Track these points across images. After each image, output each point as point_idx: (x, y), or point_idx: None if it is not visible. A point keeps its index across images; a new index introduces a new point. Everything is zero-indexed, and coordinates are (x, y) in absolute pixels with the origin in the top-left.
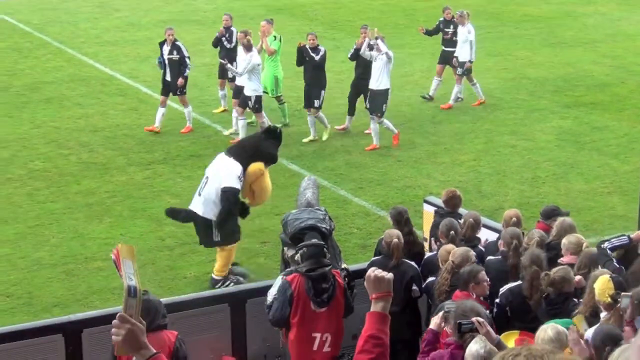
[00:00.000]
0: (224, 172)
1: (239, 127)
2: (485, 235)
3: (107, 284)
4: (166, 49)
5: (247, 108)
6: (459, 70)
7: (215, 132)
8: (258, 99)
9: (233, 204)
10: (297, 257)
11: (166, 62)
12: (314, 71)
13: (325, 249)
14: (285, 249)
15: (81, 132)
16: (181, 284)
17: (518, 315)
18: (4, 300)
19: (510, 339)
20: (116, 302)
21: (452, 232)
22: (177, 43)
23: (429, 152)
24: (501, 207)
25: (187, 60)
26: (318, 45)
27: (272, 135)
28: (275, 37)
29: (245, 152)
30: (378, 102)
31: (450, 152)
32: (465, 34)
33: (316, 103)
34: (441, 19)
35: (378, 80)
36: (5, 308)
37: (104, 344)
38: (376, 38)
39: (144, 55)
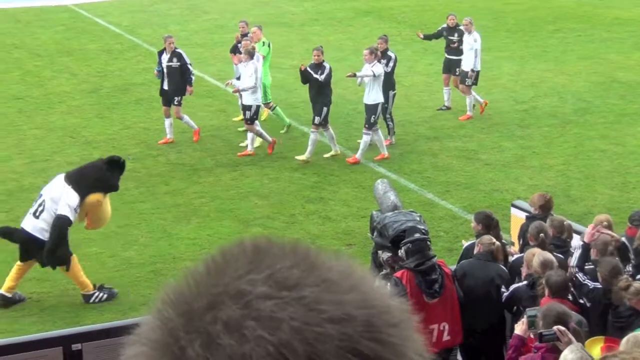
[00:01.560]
0: (62, 202)
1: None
2: (575, 241)
3: None
4: (165, 57)
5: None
6: (468, 81)
7: (302, 133)
8: (257, 109)
9: (64, 233)
10: (402, 253)
11: (165, 70)
12: (318, 88)
13: (429, 242)
14: (380, 252)
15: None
16: None
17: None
18: None
19: (596, 346)
20: None
21: (542, 234)
22: (178, 50)
23: (517, 155)
24: (590, 212)
25: (190, 67)
26: (323, 61)
27: (115, 165)
28: (264, 42)
29: (84, 182)
30: (367, 114)
31: (539, 156)
32: (471, 42)
33: (316, 120)
34: (444, 25)
35: (370, 95)
36: (94, 306)
37: None
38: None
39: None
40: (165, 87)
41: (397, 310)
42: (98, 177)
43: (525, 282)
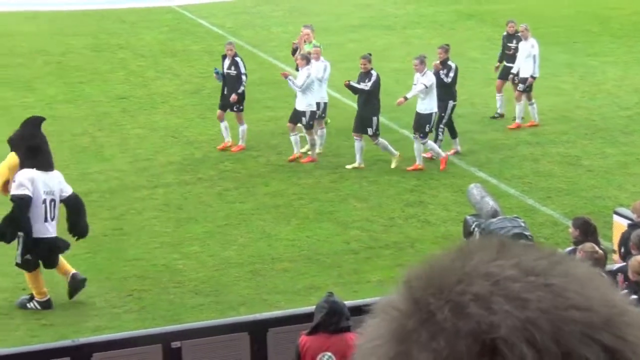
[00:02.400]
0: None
1: (292, 143)
2: None
3: (292, 285)
4: (226, 63)
5: (300, 124)
6: (520, 87)
7: (402, 137)
8: (312, 114)
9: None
10: None
11: (225, 76)
12: (366, 98)
13: None
14: None
15: (271, 134)
16: (365, 288)
17: None
18: (192, 296)
19: None
20: (301, 303)
21: None
22: (236, 59)
23: (620, 162)
24: None
25: (243, 77)
26: (371, 69)
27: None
28: (314, 44)
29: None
30: (421, 123)
31: None
32: (529, 48)
33: (369, 131)
34: (504, 33)
35: (423, 103)
36: (194, 304)
37: (288, 344)
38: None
39: (334, 60)
40: (226, 92)
41: (634, 313)
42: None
43: (627, 290)
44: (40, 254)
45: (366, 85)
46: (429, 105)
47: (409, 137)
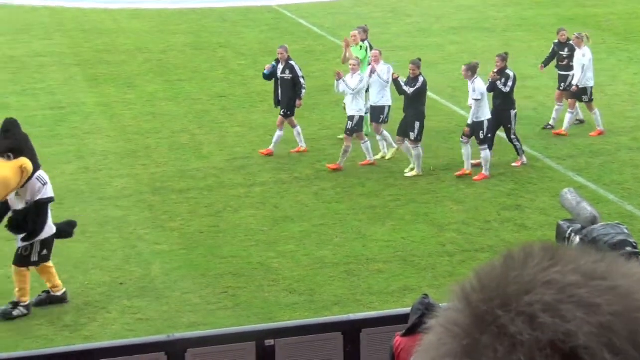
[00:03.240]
0: None
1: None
2: None
3: (387, 286)
4: (280, 67)
5: (350, 133)
6: (585, 98)
7: (500, 139)
8: (360, 120)
9: None
10: None
11: (279, 81)
12: (409, 101)
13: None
14: None
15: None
16: None
17: None
18: (287, 295)
19: None
20: (395, 304)
21: None
22: (291, 62)
23: None
24: None
25: (301, 80)
26: (419, 75)
27: None
28: (361, 46)
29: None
30: (476, 132)
31: None
32: (580, 57)
33: (412, 135)
34: (555, 41)
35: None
36: (288, 303)
37: (382, 345)
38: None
39: (433, 61)
40: (280, 97)
41: None
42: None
43: None
44: (51, 247)
45: (409, 89)
46: (481, 113)
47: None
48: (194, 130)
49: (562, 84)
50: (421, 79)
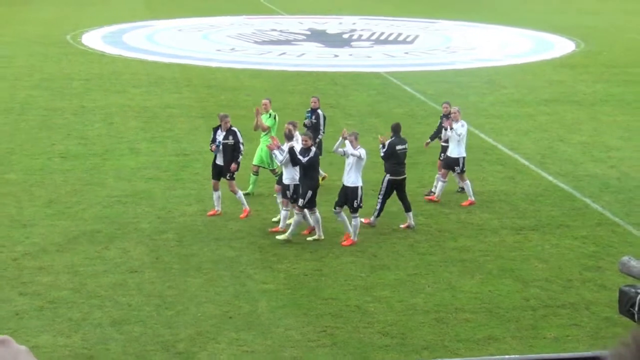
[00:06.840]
0: None
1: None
2: None
3: (472, 335)
4: (221, 134)
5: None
6: None
7: (585, 205)
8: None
9: None
10: None
11: (220, 146)
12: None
13: None
14: None
15: (460, 195)
16: (541, 343)
17: None
18: (380, 337)
19: None
20: (479, 352)
21: None
22: (233, 128)
23: None
24: None
25: (241, 146)
26: (311, 145)
27: None
28: (270, 114)
29: None
30: (350, 197)
31: None
32: None
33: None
34: None
35: (348, 175)
36: (381, 345)
37: None
38: (344, 138)
39: (525, 130)
40: (219, 162)
41: None
42: None
43: None
44: None
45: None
46: (352, 177)
47: (590, 206)
48: None
49: None
50: (313, 148)
